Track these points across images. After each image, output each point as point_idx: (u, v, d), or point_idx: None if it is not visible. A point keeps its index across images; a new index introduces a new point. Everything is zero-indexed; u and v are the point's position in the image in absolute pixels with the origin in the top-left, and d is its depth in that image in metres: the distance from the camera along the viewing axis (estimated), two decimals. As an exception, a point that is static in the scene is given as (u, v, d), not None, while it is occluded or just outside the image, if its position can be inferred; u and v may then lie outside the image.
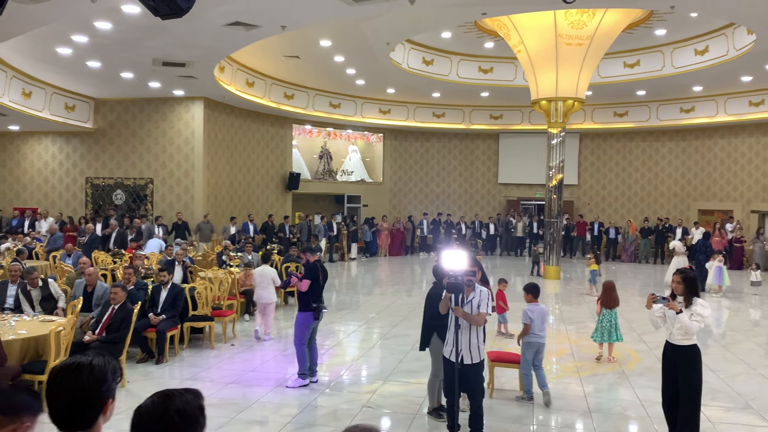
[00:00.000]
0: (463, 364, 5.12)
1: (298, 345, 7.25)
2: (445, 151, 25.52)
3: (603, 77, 19.20)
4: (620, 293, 8.38)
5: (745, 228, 20.82)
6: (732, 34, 15.81)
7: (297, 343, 7.26)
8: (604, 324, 8.51)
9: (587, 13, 14.53)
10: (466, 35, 17.14)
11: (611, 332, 8.46)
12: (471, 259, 5.46)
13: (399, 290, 14.81)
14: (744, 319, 12.04)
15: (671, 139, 23.46)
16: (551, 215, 16.94)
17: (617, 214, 24.20)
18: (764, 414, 6.43)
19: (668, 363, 5.26)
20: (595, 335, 8.64)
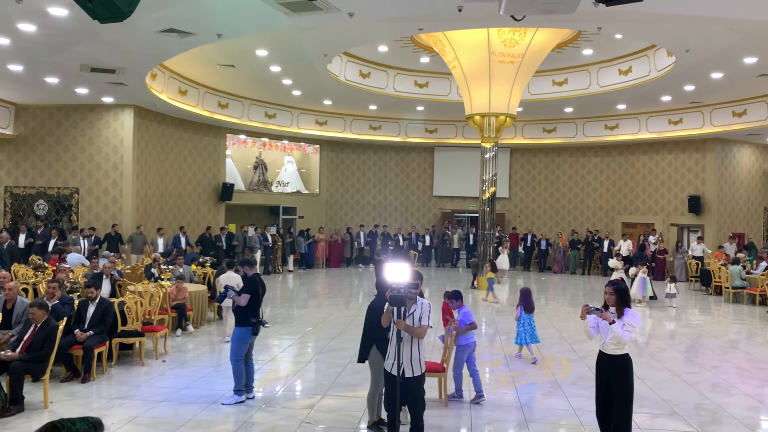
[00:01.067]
0: (404, 377, 5.13)
1: (234, 361, 7.07)
2: (382, 164, 25.67)
3: (533, 94, 19.84)
4: (551, 304, 8.69)
5: (666, 241, 21.87)
6: (653, 55, 16.66)
7: (233, 359, 7.08)
8: (525, 328, 9.26)
9: (519, 32, 14.99)
10: (402, 49, 17.35)
11: (531, 335, 9.24)
12: (413, 271, 5.48)
13: (336, 303, 14.72)
14: (666, 328, 12.61)
15: (597, 155, 24.43)
16: (484, 227, 17.27)
17: (546, 226, 24.95)
18: (689, 419, 6.73)
19: (601, 372, 5.43)
20: (518, 339, 9.36)
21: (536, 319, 12.87)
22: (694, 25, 12.05)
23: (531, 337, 9.22)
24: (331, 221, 24.81)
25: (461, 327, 7.35)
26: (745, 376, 8.74)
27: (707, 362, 9.59)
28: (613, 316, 5.26)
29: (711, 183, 21.80)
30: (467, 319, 7.45)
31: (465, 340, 7.35)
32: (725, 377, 8.61)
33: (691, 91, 17.85)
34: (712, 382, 8.35)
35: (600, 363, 5.46)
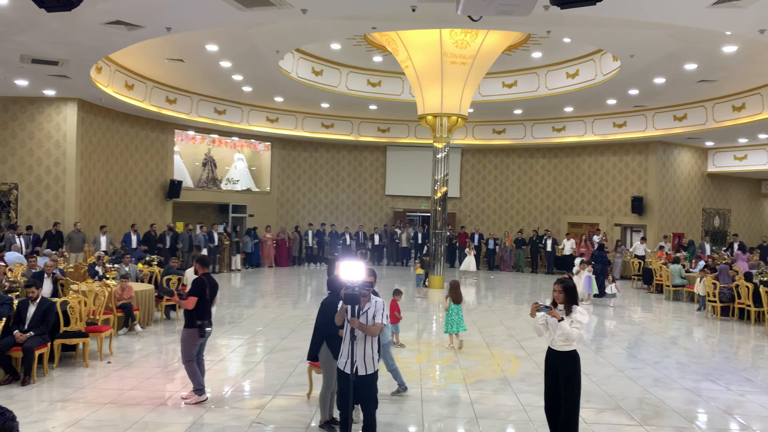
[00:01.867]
0: (357, 376, 5.13)
1: (186, 361, 6.93)
2: (334, 162, 25.59)
3: (484, 96, 20.12)
4: (500, 302, 8.88)
5: (610, 240, 22.51)
6: (600, 60, 17.13)
7: (185, 360, 6.94)
8: (453, 317, 9.95)
9: (470, 33, 15.18)
10: (355, 48, 17.33)
11: (459, 324, 9.95)
12: (368, 270, 5.49)
13: (285, 302, 14.59)
14: (610, 325, 12.98)
15: (544, 156, 24.96)
16: (436, 227, 17.42)
17: (495, 226, 25.36)
18: (632, 413, 6.95)
19: (550, 368, 5.55)
20: (446, 327, 10.03)
21: (485, 317, 13.11)
22: (639, 32, 12.46)
23: (458, 326, 9.95)
24: (282, 220, 24.59)
25: None
26: (685, 371, 9.07)
27: (649, 358, 9.92)
28: (562, 314, 5.39)
29: (653, 184, 22.57)
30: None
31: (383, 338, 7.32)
32: (666, 372, 8.92)
33: (635, 95, 18.45)
34: (654, 377, 8.64)
35: (549, 359, 5.58)
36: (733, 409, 7.26)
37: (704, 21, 9.36)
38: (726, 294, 14.10)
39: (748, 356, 10.49)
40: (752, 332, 12.45)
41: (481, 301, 15.96)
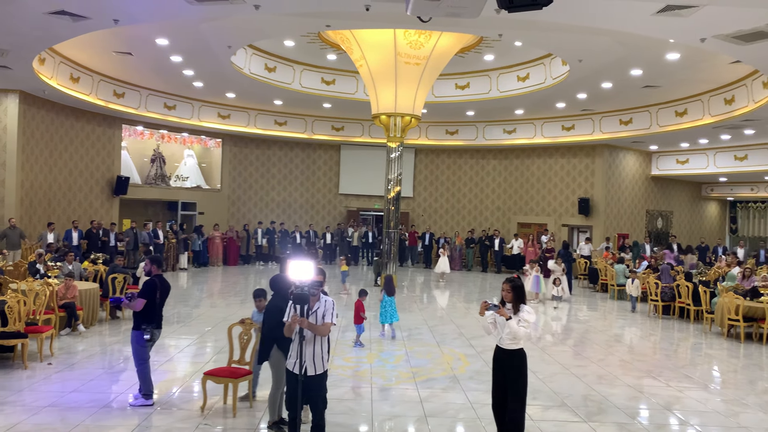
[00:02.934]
0: (306, 376, 5.10)
1: (139, 363, 6.76)
2: (287, 160, 25.38)
3: (437, 96, 20.30)
4: (449, 301, 9.01)
5: (558, 240, 23.02)
6: (549, 64, 17.49)
7: (137, 362, 6.77)
8: (387, 309, 10.72)
9: (424, 34, 15.27)
10: (309, 45, 17.23)
11: (392, 314, 10.72)
12: (317, 269, 5.46)
13: (234, 302, 14.40)
14: (557, 324, 13.28)
15: (495, 158, 25.34)
16: (389, 226, 17.47)
17: (447, 225, 25.60)
18: (577, 410, 7.13)
19: (498, 366, 5.65)
20: (381, 318, 10.75)
21: (436, 316, 13.22)
22: (587, 37, 12.78)
23: (391, 317, 10.74)
24: (233, 218, 24.24)
25: None
26: (627, 368, 9.36)
27: (594, 356, 10.19)
28: (510, 312, 5.48)
29: (599, 186, 23.17)
30: None
31: None
32: (610, 369, 9.19)
33: (583, 99, 18.90)
34: (598, 374, 8.88)
35: (496, 357, 5.67)
36: (673, 404, 7.53)
37: (649, 29, 9.66)
38: (667, 293, 14.61)
39: (687, 354, 10.89)
40: (691, 330, 12.93)
41: (432, 300, 16.10)
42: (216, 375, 6.78)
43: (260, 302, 7.18)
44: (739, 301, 11.74)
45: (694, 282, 14.49)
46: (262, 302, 7.11)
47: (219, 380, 6.74)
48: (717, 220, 29.80)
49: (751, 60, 11.36)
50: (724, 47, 10.30)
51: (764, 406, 7.56)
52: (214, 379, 6.75)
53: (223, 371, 6.86)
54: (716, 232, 29.36)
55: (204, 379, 6.76)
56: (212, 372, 6.87)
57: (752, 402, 7.75)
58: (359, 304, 10.43)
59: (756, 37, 9.59)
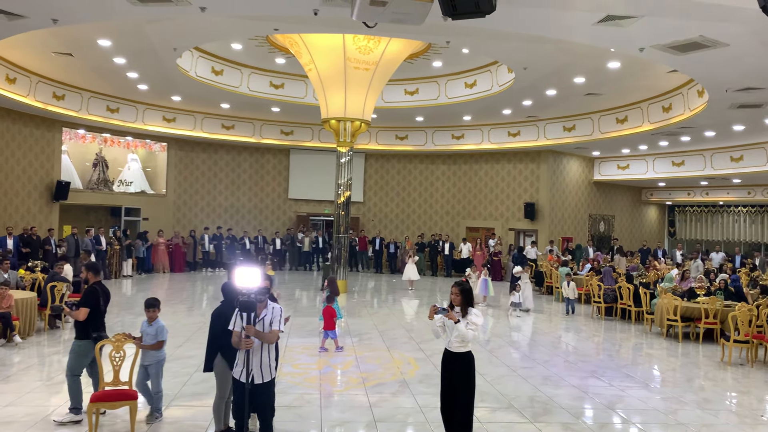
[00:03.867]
0: (253, 384, 5.02)
1: (69, 376, 6.52)
2: (235, 164, 25.02)
3: (387, 102, 20.39)
4: (399, 305, 9.03)
5: (504, 244, 23.44)
6: (496, 71, 17.81)
7: (69, 374, 6.53)
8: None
9: (373, 40, 15.33)
10: (257, 49, 17.05)
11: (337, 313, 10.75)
12: (263, 275, 5.39)
13: (180, 309, 14.08)
14: (504, 326, 13.49)
15: (444, 163, 25.62)
16: (339, 231, 17.43)
17: (398, 230, 25.72)
18: (524, 411, 7.25)
19: (446, 369, 5.69)
20: (320, 317, 10.78)
21: (386, 320, 13.24)
22: (532, 45, 13.07)
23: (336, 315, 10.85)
24: (179, 223, 23.73)
25: (149, 344, 6.64)
26: (572, 369, 9.58)
27: (540, 357, 10.39)
28: (459, 315, 5.53)
29: (544, 191, 23.70)
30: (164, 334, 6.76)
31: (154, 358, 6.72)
32: (555, 370, 9.38)
33: (528, 106, 19.32)
34: (543, 375, 9.06)
35: (445, 360, 5.71)
36: (616, 404, 7.74)
37: (590, 38, 9.95)
38: (610, 295, 15.04)
39: (629, 354, 11.21)
40: (633, 331, 13.34)
41: (382, 304, 16.12)
42: (103, 400, 6.14)
43: (152, 312, 6.66)
44: (677, 302, 12.17)
45: (635, 284, 14.97)
46: (155, 313, 6.66)
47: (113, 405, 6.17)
48: (656, 224, 30.88)
49: (687, 69, 11.83)
50: (661, 57, 10.69)
51: (701, 403, 7.85)
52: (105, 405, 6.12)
53: (110, 394, 6.22)
54: (656, 235, 30.42)
55: (90, 408, 6.03)
56: (99, 397, 6.17)
57: (690, 399, 8.04)
58: (329, 309, 10.41)
59: (691, 48, 9.99)
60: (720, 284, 13.63)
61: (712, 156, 21.97)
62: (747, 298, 12.92)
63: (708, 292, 13.47)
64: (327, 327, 10.31)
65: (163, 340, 6.68)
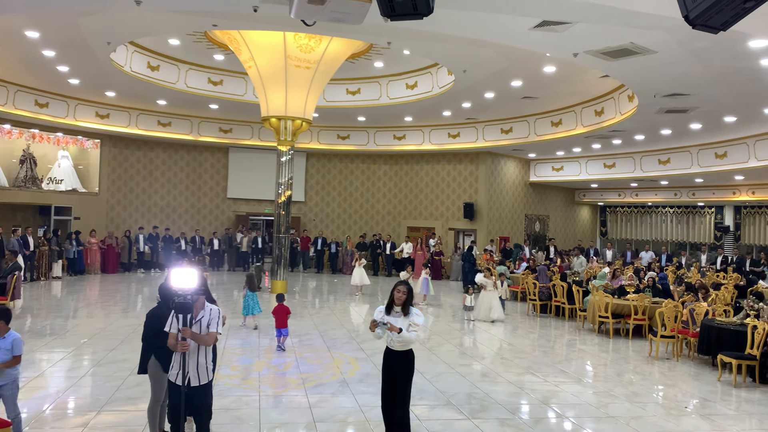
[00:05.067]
0: (190, 387, 4.93)
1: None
2: (171, 162, 24.40)
3: (328, 101, 20.33)
4: (340, 304, 8.99)
5: (444, 243, 23.76)
6: (436, 73, 18.03)
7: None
8: (249, 302, 11.83)
9: (315, 38, 15.26)
10: (196, 45, 16.70)
11: (253, 307, 11.82)
12: (200, 276, 5.28)
13: (114, 311, 13.64)
14: (443, 324, 13.67)
15: (386, 163, 25.75)
16: (280, 231, 17.27)
17: (339, 230, 25.68)
18: (461, 408, 7.38)
19: (387, 367, 5.73)
20: (244, 311, 11.90)
21: (327, 320, 13.22)
22: (471, 48, 13.30)
23: (252, 309, 11.82)
24: (112, 223, 22.96)
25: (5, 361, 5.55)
26: (508, 365, 9.81)
27: (477, 354, 10.60)
28: (401, 321, 5.57)
29: (482, 192, 24.15)
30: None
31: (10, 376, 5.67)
32: (492, 367, 9.59)
33: (467, 108, 19.64)
34: (481, 372, 9.24)
35: (387, 358, 5.76)
36: (550, 399, 7.97)
37: (527, 42, 10.20)
38: (544, 293, 15.46)
39: (563, 350, 11.57)
40: (566, 327, 13.76)
41: (323, 304, 16.08)
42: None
43: (2, 326, 5.61)
44: (608, 299, 12.63)
45: (569, 282, 15.45)
46: (4, 326, 5.61)
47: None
48: (589, 224, 31.94)
49: (618, 75, 12.29)
50: (594, 62, 11.07)
51: (630, 397, 8.18)
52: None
53: None
54: (588, 234, 31.46)
55: None
56: None
57: (620, 393, 8.36)
58: (282, 308, 10.39)
59: (622, 54, 10.39)
60: (648, 282, 14.23)
61: (642, 159, 22.88)
62: (673, 295, 13.54)
63: (637, 289, 14.04)
64: (279, 325, 10.27)
65: (19, 354, 5.63)
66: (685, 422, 7.14)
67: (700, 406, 7.91)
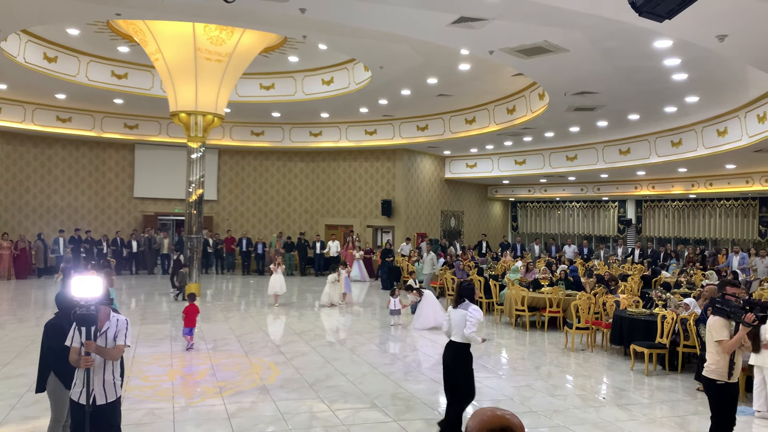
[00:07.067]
0: (95, 406, 4.49)
1: None
2: (72, 160, 22.92)
3: (241, 96, 19.70)
4: (256, 308, 8.59)
5: (363, 242, 23.63)
6: (353, 69, 17.83)
7: None
8: None
9: (226, 30, 14.69)
10: (97, 35, 15.69)
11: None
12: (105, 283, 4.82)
13: (9, 320, 12.59)
14: (365, 323, 13.53)
15: (302, 160, 25.32)
16: (191, 231, 16.54)
17: (255, 229, 25.01)
18: (387, 410, 7.23)
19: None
20: None
21: (243, 325, 12.78)
22: (388, 44, 13.20)
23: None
24: (6, 225, 21.27)
25: None
26: (430, 362, 9.77)
27: (400, 353, 10.51)
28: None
29: (400, 189, 24.22)
30: None
31: None
32: (415, 365, 9.52)
33: (384, 104, 19.58)
34: (404, 371, 9.15)
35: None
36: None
37: (445, 38, 10.20)
38: (463, 288, 15.60)
39: (482, 344, 11.66)
40: (484, 322, 13.94)
41: (239, 307, 15.54)
42: None
43: None
44: (524, 293, 12.90)
45: (485, 276, 15.69)
46: None
47: None
48: (501, 219, 32.75)
49: (531, 73, 12.55)
50: (509, 60, 11.23)
51: (549, 389, 8.32)
52: None
53: None
54: (500, 229, 32.26)
55: None
56: None
57: (539, 386, 8.49)
58: (193, 307, 10.12)
59: (536, 52, 10.59)
60: (561, 275, 14.66)
61: (551, 155, 23.64)
62: (585, 287, 14.01)
63: (551, 282, 14.43)
64: (189, 324, 10.05)
65: None
66: (604, 413, 7.32)
67: (617, 396, 8.15)
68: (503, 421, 1.91)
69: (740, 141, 15.53)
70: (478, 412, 1.96)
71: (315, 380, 8.37)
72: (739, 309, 5.28)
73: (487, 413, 1.94)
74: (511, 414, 1.95)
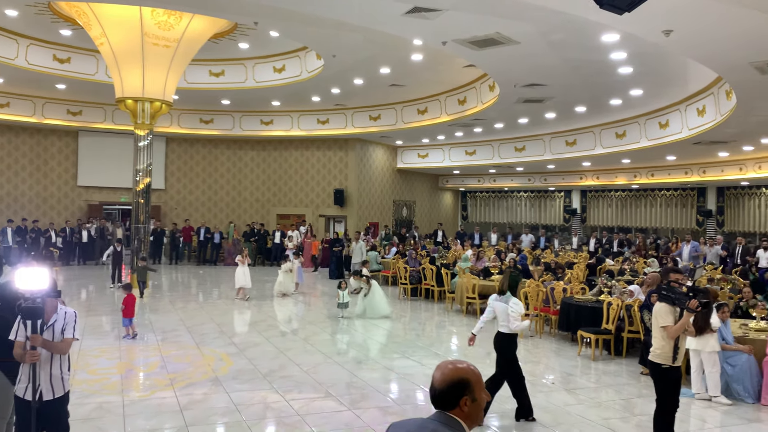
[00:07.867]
0: (42, 402, 4.36)
1: None
2: (11, 147, 22.00)
3: (190, 83, 19.27)
4: (209, 298, 8.48)
5: (317, 231, 23.54)
6: (305, 57, 17.67)
7: None
8: None
9: (174, 15, 14.32)
10: (38, 17, 15.06)
11: None
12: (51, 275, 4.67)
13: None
14: (317, 313, 13.50)
15: (253, 149, 24.99)
16: (138, 221, 16.15)
17: (204, 218, 24.56)
18: (341, 399, 7.25)
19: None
20: None
21: (194, 315, 12.60)
22: (341, 33, 13.12)
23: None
24: (-61, 215, 20.34)
25: None
26: (384, 350, 9.86)
27: (353, 341, 10.55)
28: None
29: (352, 178, 24.19)
30: None
31: None
32: (368, 353, 9.57)
33: (337, 93, 19.49)
34: (358, 359, 9.19)
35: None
36: (425, 382, 8.06)
37: (398, 28, 10.21)
38: (414, 276, 15.78)
39: (434, 332, 11.84)
40: (436, 309, 14.13)
41: (191, 297, 15.29)
42: None
43: None
44: (475, 281, 13.11)
45: (437, 265, 15.87)
46: None
47: None
48: (451, 208, 33.12)
49: (483, 65, 12.70)
50: (461, 51, 11.33)
51: (499, 374, 8.49)
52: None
53: None
54: (451, 218, 32.63)
55: None
56: None
57: (490, 372, 8.61)
58: (131, 297, 10.06)
59: (488, 44, 10.71)
60: (510, 263, 14.96)
61: (500, 146, 24.00)
62: (533, 274, 14.33)
63: (500, 270, 14.69)
64: (128, 314, 10.07)
65: None
66: (554, 398, 7.53)
67: (564, 380, 8.39)
68: (460, 373, 2.29)
69: (681, 133, 16.11)
70: (441, 365, 2.33)
71: (268, 371, 8.32)
72: (683, 296, 5.46)
73: (448, 366, 2.31)
74: (467, 367, 2.31)
